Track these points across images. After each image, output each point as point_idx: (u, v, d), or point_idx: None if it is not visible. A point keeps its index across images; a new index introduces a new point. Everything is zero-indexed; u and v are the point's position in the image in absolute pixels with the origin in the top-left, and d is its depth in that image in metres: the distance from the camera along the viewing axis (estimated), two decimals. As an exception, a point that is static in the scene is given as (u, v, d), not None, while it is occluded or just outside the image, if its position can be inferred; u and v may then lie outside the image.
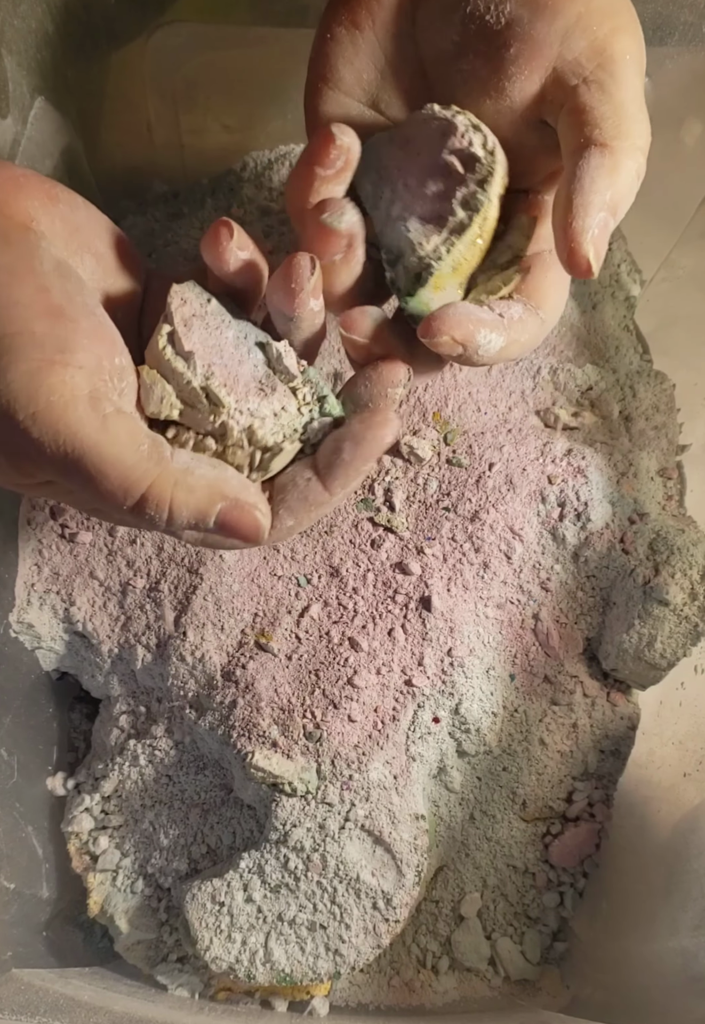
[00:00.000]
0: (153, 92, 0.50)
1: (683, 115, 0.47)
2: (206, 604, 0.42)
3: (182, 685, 0.42)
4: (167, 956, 0.41)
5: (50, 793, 0.44)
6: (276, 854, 0.38)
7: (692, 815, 0.39)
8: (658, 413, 0.49)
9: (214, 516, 0.27)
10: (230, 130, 0.54)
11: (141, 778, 0.42)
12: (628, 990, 0.38)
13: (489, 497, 0.43)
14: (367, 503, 0.44)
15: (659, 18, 0.43)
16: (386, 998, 0.41)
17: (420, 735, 0.40)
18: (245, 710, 0.40)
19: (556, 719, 0.43)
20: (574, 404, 0.48)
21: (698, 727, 0.42)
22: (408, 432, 0.45)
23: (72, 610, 0.44)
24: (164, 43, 0.48)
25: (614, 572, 0.44)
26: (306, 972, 0.37)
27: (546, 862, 0.43)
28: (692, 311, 0.51)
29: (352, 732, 0.39)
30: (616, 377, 0.49)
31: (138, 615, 0.43)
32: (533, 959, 0.42)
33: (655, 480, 0.48)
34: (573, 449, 0.45)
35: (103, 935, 0.44)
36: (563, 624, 0.44)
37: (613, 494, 0.45)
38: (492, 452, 0.44)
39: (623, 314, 0.52)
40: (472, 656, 0.41)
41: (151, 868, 0.42)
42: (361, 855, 0.38)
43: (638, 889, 0.40)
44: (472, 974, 0.42)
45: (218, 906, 0.38)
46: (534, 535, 0.44)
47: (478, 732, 0.41)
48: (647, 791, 0.43)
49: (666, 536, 0.43)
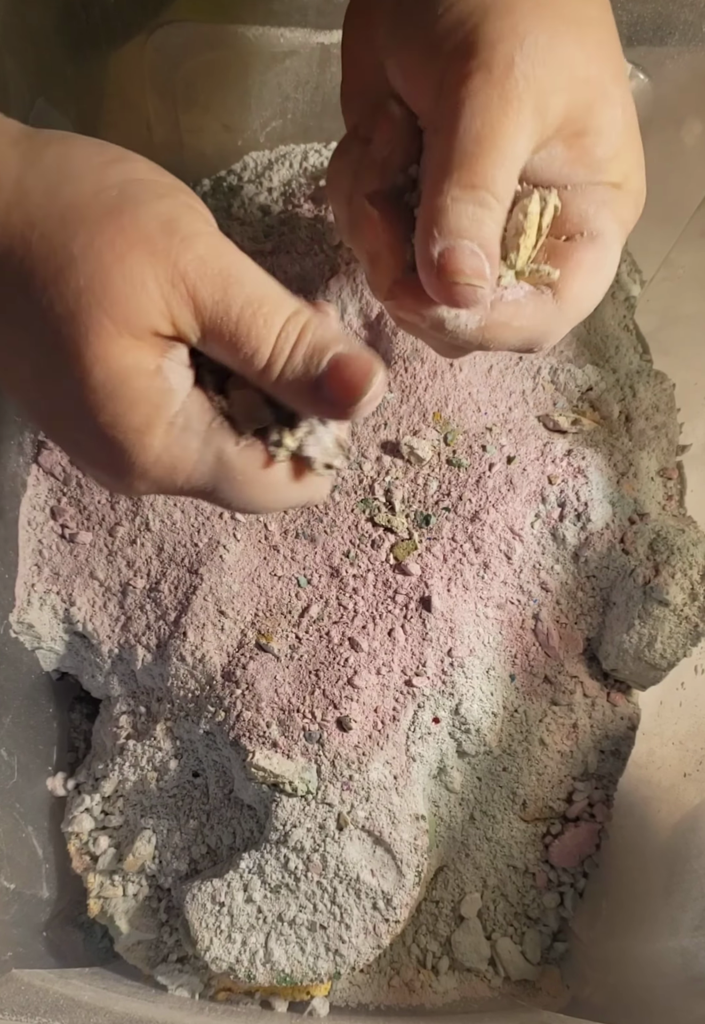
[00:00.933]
0: (153, 92, 0.50)
1: (683, 115, 0.47)
2: (206, 604, 0.42)
3: (182, 685, 0.42)
4: (167, 956, 0.41)
5: (50, 793, 0.44)
6: (276, 854, 0.38)
7: (692, 815, 0.39)
8: (658, 413, 0.49)
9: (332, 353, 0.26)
10: (230, 130, 0.54)
11: (141, 778, 0.42)
12: (628, 990, 0.38)
13: (489, 497, 0.43)
14: (367, 503, 0.44)
15: (659, 18, 0.43)
16: (386, 998, 0.41)
17: (420, 735, 0.40)
18: (245, 710, 0.40)
19: (556, 719, 0.43)
20: (574, 404, 0.48)
21: (698, 727, 0.42)
22: (408, 432, 0.45)
23: (72, 610, 0.44)
24: (164, 43, 0.48)
25: (614, 572, 0.44)
26: (306, 972, 0.37)
27: (546, 862, 0.43)
28: (692, 311, 0.51)
29: (352, 732, 0.39)
30: (616, 377, 0.49)
31: (138, 615, 0.43)
32: (533, 959, 0.42)
33: (655, 480, 0.48)
34: (573, 449, 0.45)
35: (103, 935, 0.44)
36: (563, 624, 0.44)
37: (613, 494, 0.45)
38: (492, 452, 0.44)
39: (623, 314, 0.52)
40: (472, 656, 0.41)
41: (151, 868, 0.42)
42: (361, 855, 0.38)
43: (638, 889, 0.40)
44: (472, 974, 0.42)
45: (218, 906, 0.38)
46: (534, 535, 0.44)
47: (478, 732, 0.41)
48: (647, 791, 0.43)
49: (666, 536, 0.43)
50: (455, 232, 0.27)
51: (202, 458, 0.27)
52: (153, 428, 0.26)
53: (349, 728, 0.39)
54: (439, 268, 0.27)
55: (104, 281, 0.24)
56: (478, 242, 0.27)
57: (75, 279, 0.24)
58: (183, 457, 0.27)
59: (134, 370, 0.25)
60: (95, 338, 0.24)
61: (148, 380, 0.25)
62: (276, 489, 0.28)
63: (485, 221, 0.27)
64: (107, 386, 0.25)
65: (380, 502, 0.44)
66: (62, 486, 0.46)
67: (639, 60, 0.46)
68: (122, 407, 0.25)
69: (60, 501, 0.46)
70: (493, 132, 0.27)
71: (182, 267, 0.25)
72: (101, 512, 0.45)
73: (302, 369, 0.26)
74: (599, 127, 0.30)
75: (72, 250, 0.24)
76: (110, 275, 0.24)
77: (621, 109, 0.30)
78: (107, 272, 0.24)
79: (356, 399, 0.26)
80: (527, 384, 0.47)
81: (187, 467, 0.27)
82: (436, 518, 0.43)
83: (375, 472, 0.45)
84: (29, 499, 0.45)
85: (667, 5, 0.43)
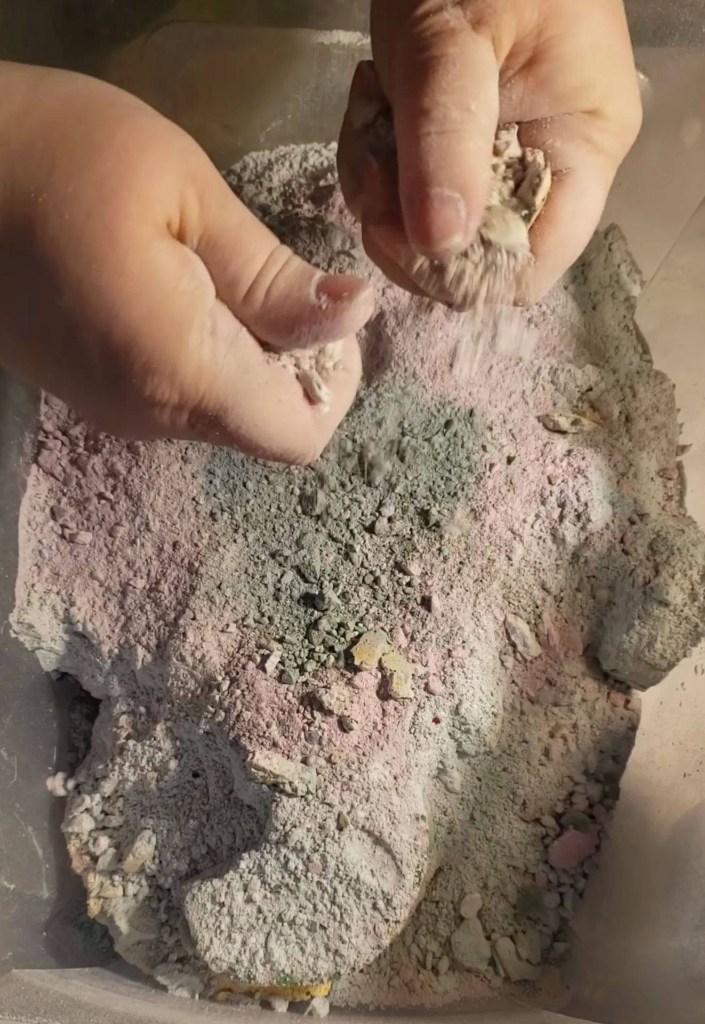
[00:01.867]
0: (153, 92, 0.50)
1: (683, 115, 0.47)
2: (206, 604, 0.42)
3: (182, 685, 0.42)
4: (167, 956, 0.41)
5: (50, 793, 0.44)
6: (276, 854, 0.38)
7: (692, 815, 0.39)
8: (658, 413, 0.49)
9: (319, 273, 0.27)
10: (230, 130, 0.54)
11: (141, 778, 0.42)
12: (628, 990, 0.38)
13: (489, 497, 0.44)
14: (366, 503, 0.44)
15: (659, 18, 0.43)
16: (386, 998, 0.41)
17: (420, 735, 0.40)
18: (245, 710, 0.40)
19: (556, 720, 0.43)
20: (574, 404, 0.48)
21: (698, 727, 0.42)
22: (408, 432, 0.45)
23: (72, 610, 0.44)
24: (164, 43, 0.48)
25: (614, 573, 0.44)
26: (306, 972, 0.37)
27: (546, 863, 0.43)
28: (692, 311, 0.51)
29: (352, 732, 0.39)
30: (616, 377, 0.49)
31: (138, 615, 0.43)
32: (533, 959, 0.42)
33: (655, 480, 0.48)
34: (573, 450, 0.45)
35: (103, 935, 0.44)
36: (563, 625, 0.44)
37: (613, 494, 0.45)
38: (492, 453, 0.44)
39: (623, 314, 0.52)
40: (472, 657, 0.41)
41: (151, 868, 0.42)
42: (361, 855, 0.38)
43: (638, 889, 0.40)
44: (472, 974, 0.42)
45: (218, 906, 0.38)
46: (534, 536, 0.44)
47: (478, 732, 0.41)
48: (647, 791, 0.43)
49: (666, 536, 0.43)
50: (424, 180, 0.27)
51: (227, 366, 0.26)
52: (191, 321, 0.25)
53: (350, 728, 0.39)
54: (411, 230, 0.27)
55: (131, 163, 0.24)
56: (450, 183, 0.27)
57: (101, 163, 0.24)
58: (212, 360, 0.26)
59: (166, 258, 0.25)
60: (126, 220, 0.24)
61: (180, 270, 0.25)
62: (291, 411, 0.28)
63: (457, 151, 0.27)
64: (143, 274, 0.24)
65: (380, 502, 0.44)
66: (62, 486, 0.46)
67: (639, 60, 0.45)
68: (158, 297, 0.25)
69: (60, 501, 0.46)
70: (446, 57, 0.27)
71: (193, 168, 0.26)
72: (101, 512, 0.45)
73: (297, 279, 0.26)
74: (558, 54, 0.29)
75: (95, 140, 0.24)
76: (135, 158, 0.24)
77: (589, 32, 0.29)
78: (132, 156, 0.24)
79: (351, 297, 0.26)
80: (527, 384, 0.47)
81: (213, 371, 0.26)
82: (436, 519, 0.43)
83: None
84: (29, 499, 0.45)
85: (667, 5, 0.43)
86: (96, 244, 0.24)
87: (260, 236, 0.27)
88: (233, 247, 0.26)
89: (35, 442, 0.46)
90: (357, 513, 0.44)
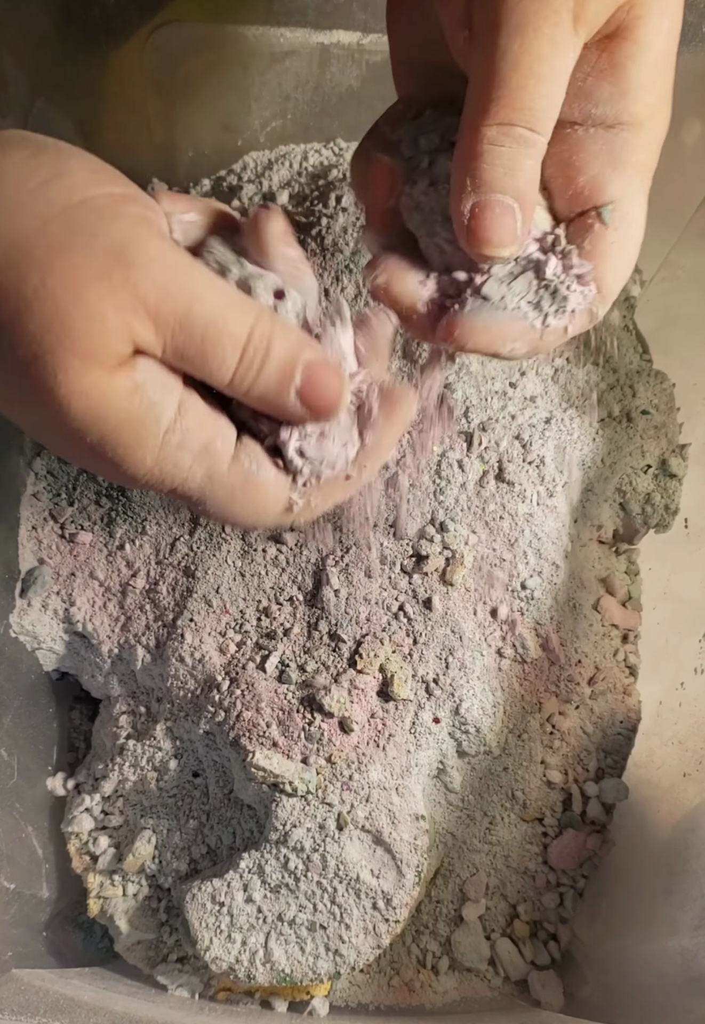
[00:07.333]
0: (153, 92, 0.50)
1: (683, 115, 0.47)
2: (205, 605, 0.42)
3: (182, 685, 0.42)
4: (167, 956, 0.41)
5: (50, 793, 0.44)
6: (276, 854, 0.38)
7: (692, 815, 0.40)
8: (658, 413, 0.49)
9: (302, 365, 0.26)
10: (230, 130, 0.54)
11: (141, 778, 0.42)
12: (628, 990, 0.38)
13: (489, 498, 0.43)
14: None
15: (659, 18, 0.43)
16: (386, 998, 0.41)
17: (420, 735, 0.40)
18: (245, 710, 0.40)
19: (556, 720, 0.43)
20: (575, 404, 0.48)
21: (698, 727, 0.42)
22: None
23: (72, 610, 0.44)
24: (164, 43, 0.48)
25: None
26: (306, 972, 0.37)
27: (546, 863, 0.43)
28: (692, 311, 0.51)
29: (352, 733, 0.39)
30: (616, 377, 0.49)
31: (138, 615, 0.43)
32: (533, 959, 0.42)
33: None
34: (573, 449, 0.45)
35: (103, 935, 0.44)
36: (563, 625, 0.44)
37: (613, 494, 0.45)
38: (492, 453, 0.44)
39: (623, 314, 0.52)
40: (473, 657, 0.41)
41: (151, 868, 0.42)
42: (361, 855, 0.38)
43: (638, 889, 0.40)
44: (472, 974, 0.42)
45: (218, 906, 0.38)
46: (534, 535, 0.44)
47: (478, 732, 0.41)
48: (647, 791, 0.43)
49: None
50: (488, 185, 0.26)
51: (192, 475, 0.27)
52: (143, 443, 0.26)
53: (350, 729, 0.39)
54: (469, 230, 0.26)
55: (63, 321, 0.24)
56: (513, 193, 0.26)
57: (33, 322, 0.24)
58: (174, 472, 0.27)
59: (112, 395, 0.25)
60: (64, 376, 0.24)
61: (128, 400, 0.25)
62: (262, 507, 0.29)
63: (522, 165, 0.26)
64: (89, 415, 0.25)
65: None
66: (62, 486, 0.46)
67: (639, 60, 0.46)
68: (107, 429, 0.25)
69: (60, 501, 0.46)
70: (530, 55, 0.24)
71: (142, 294, 0.24)
72: (101, 512, 0.45)
73: (275, 384, 0.26)
74: (642, 36, 0.26)
75: (25, 293, 0.23)
76: (68, 315, 0.24)
77: (669, 20, 0.27)
78: (65, 312, 0.24)
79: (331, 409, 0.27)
80: (527, 384, 0.47)
81: (177, 480, 0.27)
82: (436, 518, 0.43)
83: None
84: (29, 499, 0.45)
85: (667, 5, 0.43)
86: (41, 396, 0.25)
87: (227, 338, 0.25)
88: (201, 357, 0.25)
89: (35, 442, 0.46)
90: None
